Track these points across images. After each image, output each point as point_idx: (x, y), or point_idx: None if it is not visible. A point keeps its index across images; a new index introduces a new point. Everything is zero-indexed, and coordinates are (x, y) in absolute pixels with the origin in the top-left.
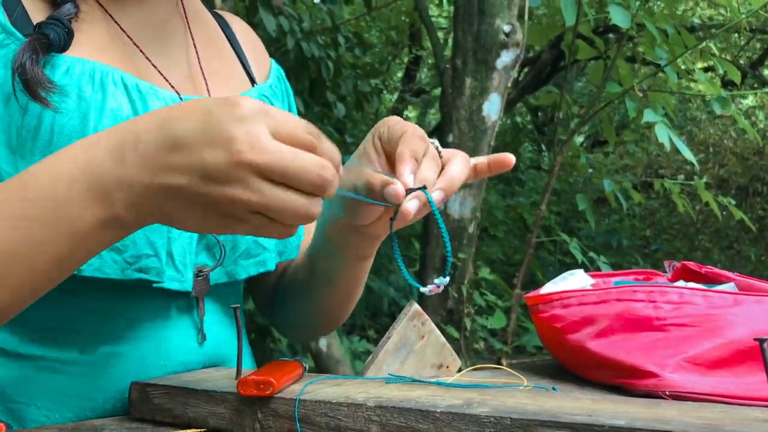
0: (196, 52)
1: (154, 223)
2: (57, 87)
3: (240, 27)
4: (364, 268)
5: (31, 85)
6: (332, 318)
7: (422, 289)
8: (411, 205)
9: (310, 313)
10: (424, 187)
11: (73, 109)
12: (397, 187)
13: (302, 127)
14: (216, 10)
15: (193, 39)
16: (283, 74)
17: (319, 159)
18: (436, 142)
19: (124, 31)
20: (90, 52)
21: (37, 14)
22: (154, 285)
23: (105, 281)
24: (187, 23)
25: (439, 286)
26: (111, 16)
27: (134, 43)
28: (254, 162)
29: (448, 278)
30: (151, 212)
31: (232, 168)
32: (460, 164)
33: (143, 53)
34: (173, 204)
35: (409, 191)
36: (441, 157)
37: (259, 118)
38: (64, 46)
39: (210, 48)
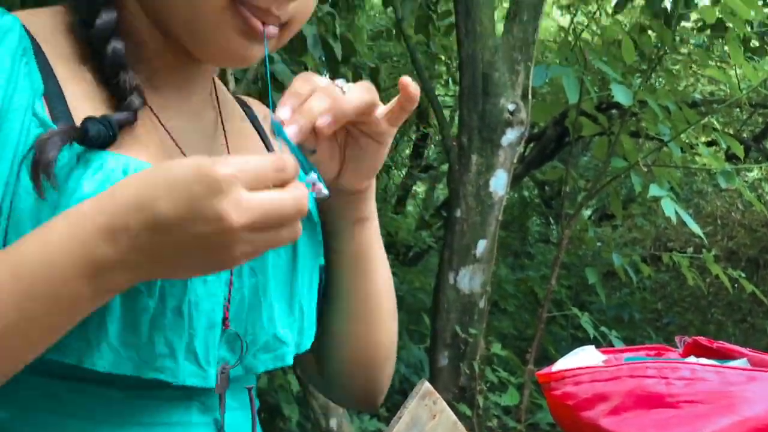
0: (226, 141)
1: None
2: (57, 183)
3: (261, 110)
4: (369, 237)
5: (36, 165)
6: (370, 343)
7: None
8: (291, 130)
9: (347, 340)
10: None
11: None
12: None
13: (269, 167)
14: (239, 96)
15: (224, 128)
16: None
17: (292, 193)
18: (341, 81)
19: (167, 131)
20: (128, 149)
21: (78, 102)
22: (174, 383)
23: (120, 381)
24: (219, 112)
25: (315, 184)
26: (154, 113)
27: (174, 142)
28: (243, 224)
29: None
30: (149, 277)
31: (229, 236)
32: (355, 90)
33: (179, 147)
34: (172, 266)
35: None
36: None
37: (236, 183)
38: (102, 145)
39: (238, 136)
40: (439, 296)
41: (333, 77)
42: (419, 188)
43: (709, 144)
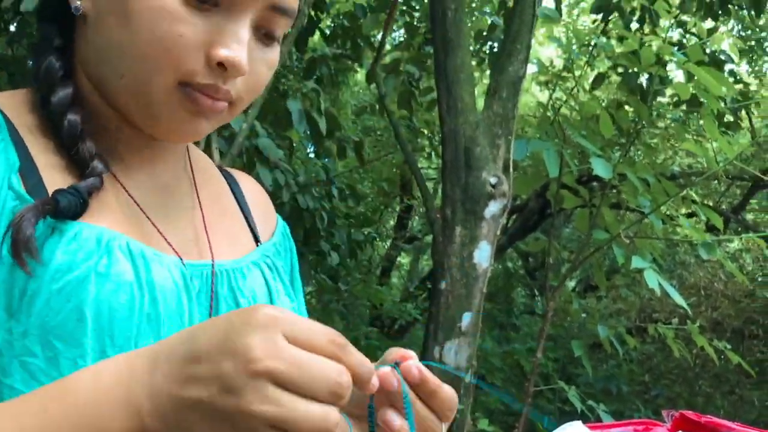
0: (202, 214)
1: None
2: (40, 259)
3: (248, 184)
4: None
5: (17, 244)
6: None
7: None
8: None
9: None
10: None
11: (76, 273)
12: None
13: (324, 334)
14: (225, 168)
15: (199, 200)
16: (288, 231)
17: (338, 367)
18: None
19: (131, 197)
20: (98, 217)
21: (51, 177)
22: None
23: None
24: (195, 184)
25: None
26: (121, 184)
27: (140, 209)
28: (269, 369)
29: None
30: (176, 424)
31: (249, 378)
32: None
33: (149, 219)
34: (194, 416)
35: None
36: None
37: (276, 325)
38: (75, 215)
39: (216, 208)
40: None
41: (318, 151)
42: (404, 259)
43: (689, 215)
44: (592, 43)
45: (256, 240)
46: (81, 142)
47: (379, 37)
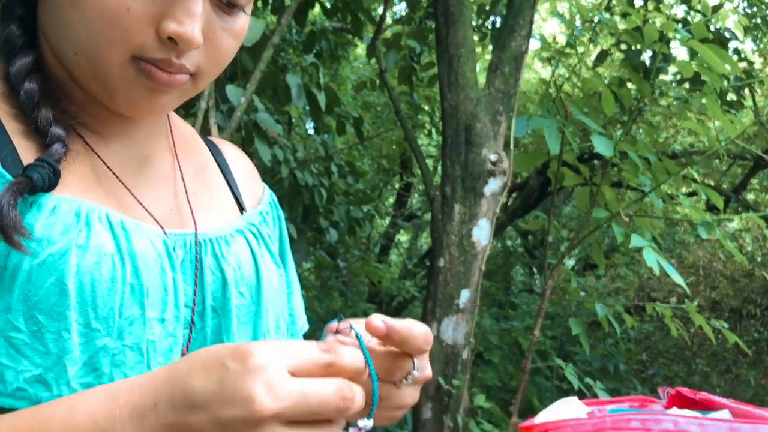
0: (184, 184)
1: None
2: (32, 234)
3: (232, 152)
4: None
5: (6, 229)
6: None
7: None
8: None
9: None
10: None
11: (56, 246)
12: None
13: (316, 351)
14: (209, 137)
15: (180, 169)
16: (276, 200)
17: (338, 384)
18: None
19: (108, 167)
20: (76, 190)
21: (28, 154)
22: None
23: None
24: (176, 156)
25: (360, 429)
26: (97, 154)
27: (119, 180)
28: (276, 413)
29: (371, 422)
30: None
31: (256, 425)
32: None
33: (128, 189)
34: None
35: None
36: None
37: (278, 363)
38: (49, 186)
39: (198, 177)
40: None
41: (317, 127)
42: (403, 237)
43: (690, 195)
44: (596, 20)
45: (242, 209)
46: (37, 110)
47: (380, 10)
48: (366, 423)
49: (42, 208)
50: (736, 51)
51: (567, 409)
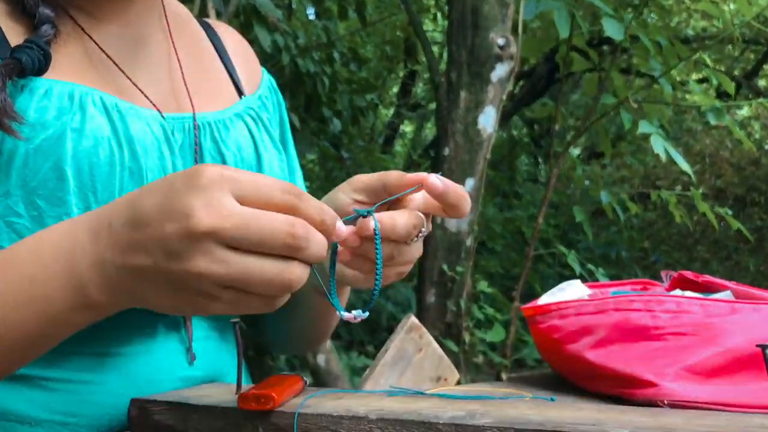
0: (180, 66)
1: (129, 306)
2: (24, 118)
3: (229, 36)
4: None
5: None
6: (317, 335)
7: (341, 314)
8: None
9: (295, 330)
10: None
11: (51, 130)
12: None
13: (277, 187)
14: (205, 19)
15: (176, 53)
16: (275, 84)
17: (288, 218)
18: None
19: (102, 49)
20: (69, 74)
21: (16, 37)
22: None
23: None
24: (171, 37)
25: (356, 318)
26: (89, 36)
27: (113, 62)
28: (212, 229)
29: (366, 314)
30: (125, 294)
31: (192, 240)
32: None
33: (123, 71)
34: (143, 284)
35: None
36: None
37: (221, 185)
38: (40, 70)
39: (195, 61)
40: (428, 236)
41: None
42: (407, 127)
43: (700, 82)
44: None
45: (240, 93)
46: None
47: None
48: (360, 314)
49: (34, 92)
50: None
51: (570, 291)
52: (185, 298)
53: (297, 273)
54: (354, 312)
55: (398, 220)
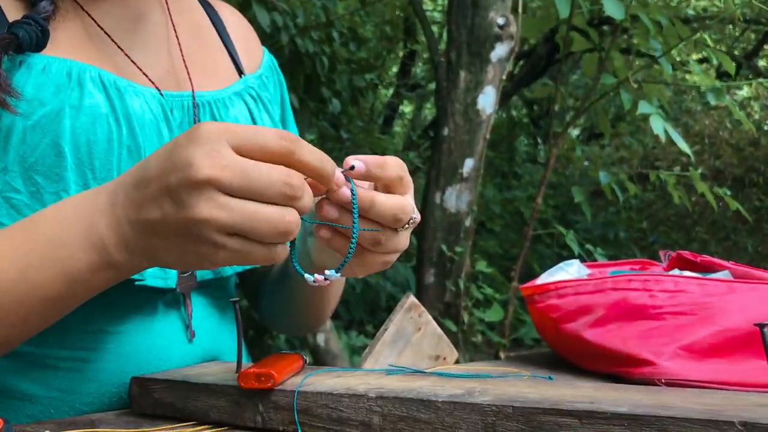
0: (179, 44)
1: (146, 267)
2: (20, 93)
3: (230, 14)
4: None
5: None
6: (313, 315)
7: (307, 277)
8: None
9: (290, 310)
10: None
11: (49, 107)
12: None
13: (272, 137)
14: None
15: (175, 30)
16: (276, 64)
17: (284, 169)
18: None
19: (101, 27)
20: (67, 51)
21: (14, 13)
22: (136, 283)
23: None
24: (169, 14)
25: (327, 279)
26: (87, 13)
27: (111, 39)
28: (213, 178)
29: (339, 274)
30: (140, 252)
31: (195, 188)
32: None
33: (121, 49)
34: (155, 240)
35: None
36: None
37: (219, 137)
38: (38, 46)
39: (194, 39)
40: (425, 215)
41: None
42: (407, 107)
43: (700, 62)
44: None
45: (240, 72)
46: None
47: None
48: (332, 274)
49: (32, 69)
50: None
51: (568, 270)
52: (191, 248)
53: (294, 218)
54: (327, 272)
55: (378, 197)
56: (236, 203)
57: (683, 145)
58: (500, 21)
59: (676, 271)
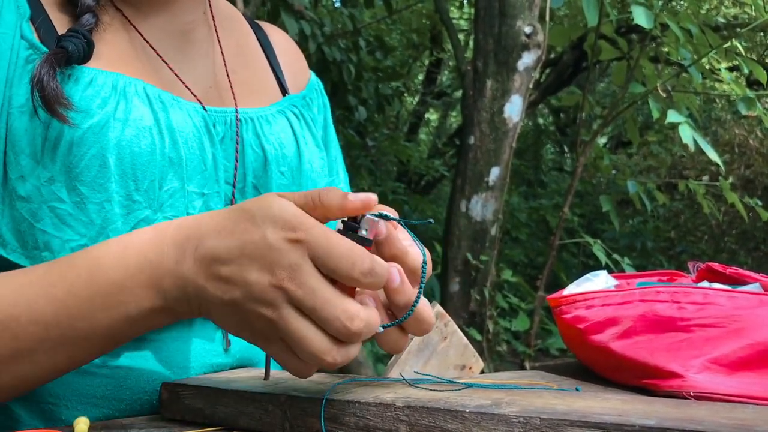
0: (224, 61)
1: (200, 317)
2: (74, 105)
3: (279, 37)
4: None
5: (49, 101)
6: None
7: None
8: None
9: None
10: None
11: (95, 119)
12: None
13: (353, 263)
14: (257, 21)
15: (221, 47)
16: (322, 87)
17: (351, 309)
18: None
19: (147, 41)
20: (113, 64)
21: (62, 27)
22: None
23: None
24: (216, 31)
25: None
26: (134, 26)
27: (157, 53)
28: (289, 291)
29: (382, 329)
30: (199, 309)
31: (271, 290)
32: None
33: (166, 63)
34: (216, 308)
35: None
36: None
37: (305, 242)
38: (84, 58)
39: (239, 57)
40: (450, 223)
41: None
42: (432, 116)
43: (731, 70)
44: None
45: (284, 92)
46: None
47: None
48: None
49: (80, 81)
50: None
51: (595, 281)
52: (246, 330)
53: (339, 359)
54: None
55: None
56: (294, 317)
57: (713, 155)
58: (527, 30)
59: (705, 283)
